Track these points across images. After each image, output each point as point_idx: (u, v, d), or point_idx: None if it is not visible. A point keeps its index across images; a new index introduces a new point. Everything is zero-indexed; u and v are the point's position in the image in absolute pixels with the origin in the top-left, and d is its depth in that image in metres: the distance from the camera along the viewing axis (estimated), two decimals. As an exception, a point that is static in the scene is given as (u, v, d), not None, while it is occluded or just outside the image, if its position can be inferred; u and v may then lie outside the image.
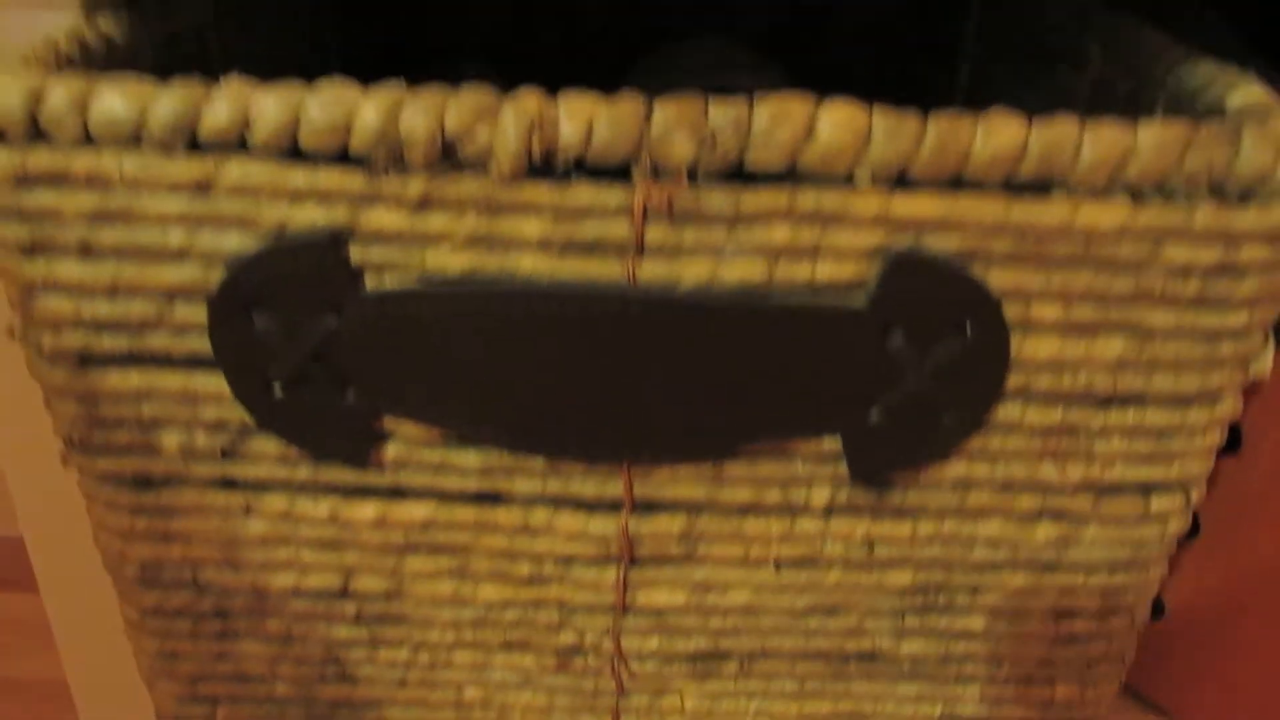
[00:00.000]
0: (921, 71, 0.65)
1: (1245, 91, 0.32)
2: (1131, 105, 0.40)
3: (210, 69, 0.43)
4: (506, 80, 0.61)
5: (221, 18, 0.42)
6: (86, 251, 0.30)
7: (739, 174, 0.29)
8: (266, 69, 0.49)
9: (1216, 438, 0.34)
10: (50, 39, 0.32)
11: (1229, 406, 0.33)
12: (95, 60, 0.33)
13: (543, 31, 0.67)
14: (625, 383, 0.31)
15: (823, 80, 0.69)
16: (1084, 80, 0.45)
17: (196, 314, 0.31)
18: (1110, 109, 0.42)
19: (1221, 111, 0.33)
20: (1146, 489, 0.35)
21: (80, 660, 0.49)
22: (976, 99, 0.59)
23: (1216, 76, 0.34)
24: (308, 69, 0.55)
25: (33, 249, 0.30)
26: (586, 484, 0.35)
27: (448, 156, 0.28)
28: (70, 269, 0.30)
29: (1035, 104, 0.50)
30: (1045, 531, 0.36)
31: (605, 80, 0.67)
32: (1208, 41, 0.36)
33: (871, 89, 0.68)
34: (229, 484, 0.35)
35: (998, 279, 0.30)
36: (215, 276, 0.30)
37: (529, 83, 0.29)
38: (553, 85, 0.29)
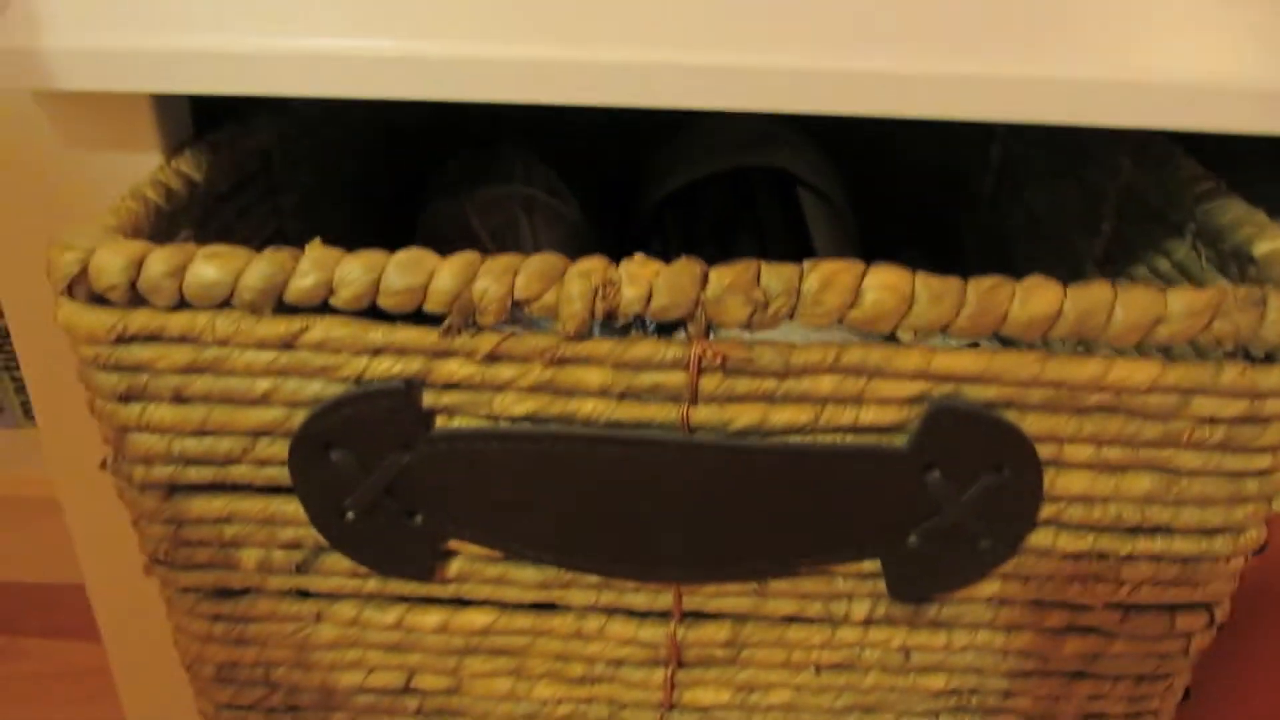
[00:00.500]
0: (952, 148, 0.66)
1: (1273, 241, 0.34)
2: (1159, 220, 0.42)
3: (272, 179, 0.45)
4: (541, 154, 0.63)
5: (284, 134, 0.45)
6: (178, 398, 0.32)
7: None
8: (322, 170, 0.51)
9: (1241, 563, 0.36)
10: (137, 190, 0.34)
11: (1254, 536, 0.35)
12: (179, 201, 0.36)
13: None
14: (677, 515, 0.33)
15: (852, 154, 0.71)
16: (1114, 185, 0.46)
17: (278, 449, 0.33)
18: (1139, 220, 0.44)
19: (1248, 256, 0.34)
20: (1172, 608, 0.37)
21: (141, 708, 0.52)
22: (1006, 180, 0.60)
23: (1245, 219, 0.35)
24: (357, 163, 0.57)
25: (128, 396, 0.32)
26: (638, 596, 0.37)
27: (517, 316, 0.30)
28: (163, 413, 0.32)
29: (1064, 199, 0.52)
30: (1074, 645, 0.37)
31: (640, 151, 0.69)
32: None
33: (901, 164, 0.69)
34: (302, 594, 0.37)
35: (1032, 424, 0.32)
36: (297, 418, 0.32)
37: (561, 155, 0.30)
38: (585, 157, 0.30)
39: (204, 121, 0.40)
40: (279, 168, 0.44)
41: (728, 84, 0.33)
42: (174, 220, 0.36)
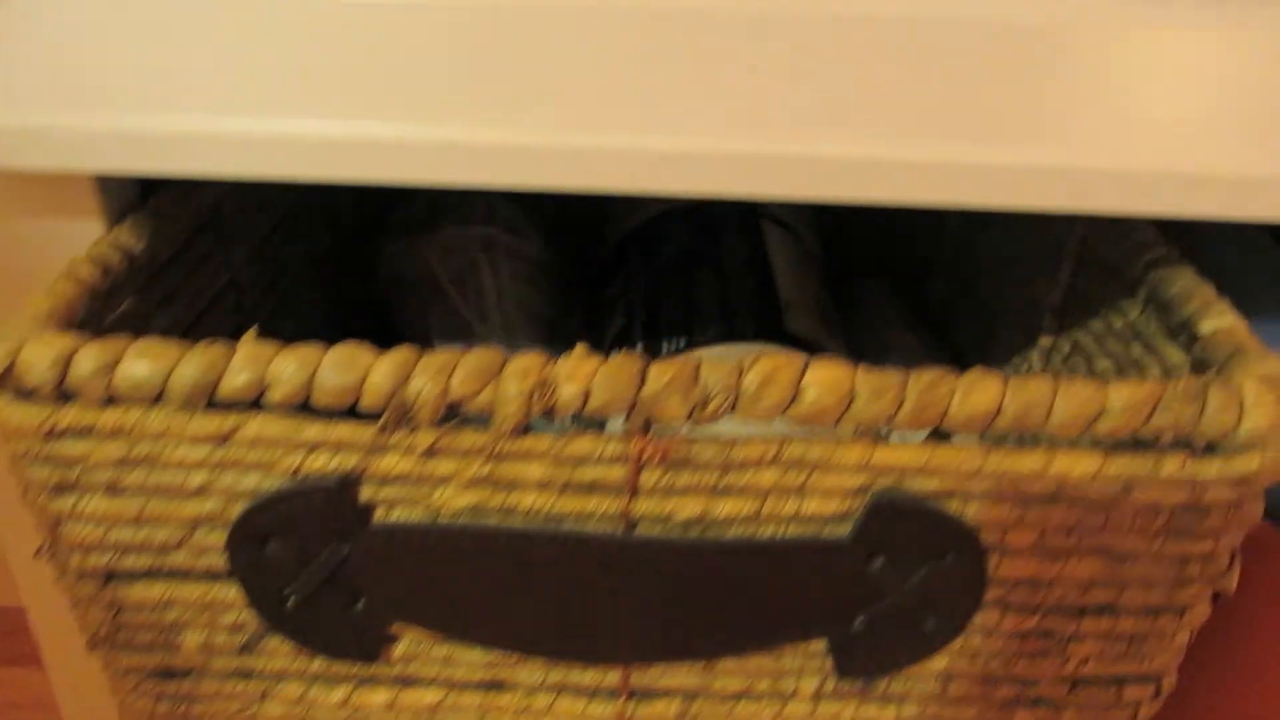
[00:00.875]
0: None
1: (1218, 320, 0.34)
2: (1114, 277, 0.42)
3: (222, 232, 0.44)
4: (516, 198, 0.62)
5: (234, 189, 0.44)
6: (113, 490, 0.32)
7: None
8: (276, 215, 0.50)
9: (1187, 638, 0.36)
10: (72, 269, 0.33)
11: (1199, 614, 0.35)
12: (118, 275, 0.35)
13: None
14: (622, 606, 0.33)
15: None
16: (1072, 237, 0.46)
17: (217, 538, 0.33)
18: (1096, 274, 0.44)
19: (1193, 331, 0.34)
20: (1120, 680, 0.37)
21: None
22: (973, 216, 0.60)
23: (1194, 293, 0.35)
24: (316, 203, 0.57)
25: (60, 488, 0.32)
26: (586, 675, 0.36)
27: (454, 413, 0.30)
28: (97, 504, 0.32)
29: (1027, 241, 0.52)
30: (1023, 717, 0.37)
31: (608, 207, 0.69)
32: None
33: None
34: (246, 674, 0.37)
35: (975, 513, 0.32)
36: (235, 509, 0.32)
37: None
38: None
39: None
40: (229, 222, 0.44)
41: (686, 169, 0.32)
42: (114, 294, 0.35)
